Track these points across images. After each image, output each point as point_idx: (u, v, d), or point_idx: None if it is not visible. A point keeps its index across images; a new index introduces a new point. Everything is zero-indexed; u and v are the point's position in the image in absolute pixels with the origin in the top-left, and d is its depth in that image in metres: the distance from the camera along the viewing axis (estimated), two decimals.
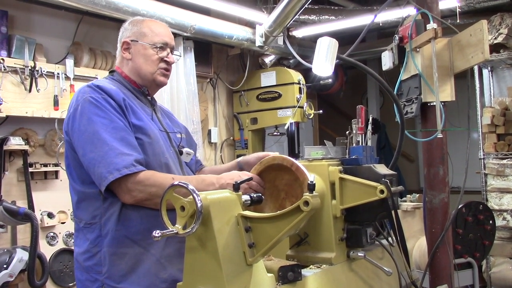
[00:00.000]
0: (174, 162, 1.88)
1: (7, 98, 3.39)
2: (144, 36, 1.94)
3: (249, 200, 1.54)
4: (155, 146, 1.80)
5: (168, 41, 1.98)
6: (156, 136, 1.82)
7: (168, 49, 1.98)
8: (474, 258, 3.51)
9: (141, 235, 1.73)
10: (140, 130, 1.78)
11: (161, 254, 1.75)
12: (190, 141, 2.16)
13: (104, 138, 1.67)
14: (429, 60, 2.40)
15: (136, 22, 1.99)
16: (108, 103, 1.73)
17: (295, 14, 4.35)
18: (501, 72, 5.27)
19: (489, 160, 4.76)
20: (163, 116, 2.05)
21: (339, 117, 7.46)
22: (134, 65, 1.94)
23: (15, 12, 3.67)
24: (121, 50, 1.97)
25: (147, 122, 1.83)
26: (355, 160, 1.86)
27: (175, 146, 1.94)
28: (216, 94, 5.44)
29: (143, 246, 1.74)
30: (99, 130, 1.68)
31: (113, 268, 1.73)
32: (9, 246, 3.41)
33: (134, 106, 1.84)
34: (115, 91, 1.79)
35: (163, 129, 1.93)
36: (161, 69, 1.95)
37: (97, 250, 1.76)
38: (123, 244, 1.74)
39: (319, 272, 1.67)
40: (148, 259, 1.74)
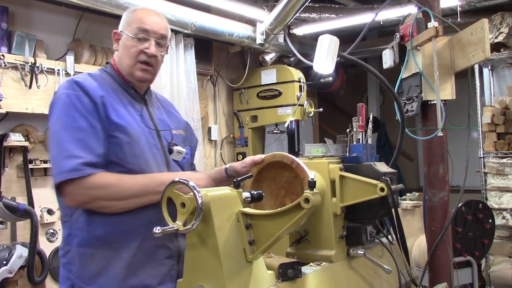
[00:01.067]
0: (159, 161, 1.78)
1: (7, 94, 3.39)
2: (129, 26, 1.80)
3: (249, 197, 1.54)
4: (134, 146, 1.71)
5: (149, 28, 1.78)
6: (138, 135, 1.73)
7: (153, 40, 1.79)
8: (473, 256, 3.51)
9: (114, 238, 1.68)
10: (119, 129, 1.69)
11: (132, 259, 1.69)
12: (190, 138, 2.03)
13: (61, 138, 1.63)
14: (430, 58, 2.40)
15: (130, 11, 1.86)
16: (80, 101, 1.66)
17: (296, 12, 4.35)
18: (502, 71, 5.27)
19: (489, 159, 4.76)
20: (160, 110, 1.94)
21: (339, 115, 7.45)
22: (119, 57, 1.84)
23: (15, 8, 3.67)
24: (113, 41, 1.87)
25: (129, 120, 1.73)
26: (356, 158, 1.86)
27: (164, 144, 1.83)
28: (216, 92, 5.44)
29: (115, 249, 1.68)
30: (61, 129, 1.64)
31: (82, 268, 1.69)
32: (9, 242, 3.41)
33: (116, 103, 1.74)
34: (94, 88, 1.70)
35: (153, 126, 1.83)
36: (139, 62, 1.78)
37: (68, 248, 1.73)
38: (92, 245, 1.69)
39: (319, 269, 1.67)
40: (118, 262, 1.68)
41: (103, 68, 1.90)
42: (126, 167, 1.69)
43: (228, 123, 5.59)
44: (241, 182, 1.52)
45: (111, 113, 1.69)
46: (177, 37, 4.55)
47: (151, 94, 1.95)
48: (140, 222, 1.69)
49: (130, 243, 1.69)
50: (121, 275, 1.68)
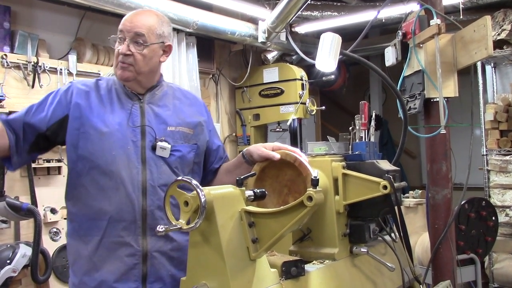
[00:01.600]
0: (131, 158, 1.81)
1: (10, 94, 3.39)
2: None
3: (252, 195, 1.54)
4: (103, 142, 1.79)
5: (122, 28, 1.83)
6: (110, 131, 1.80)
7: (128, 38, 1.82)
8: (476, 254, 3.51)
9: (82, 231, 1.81)
10: (92, 126, 1.80)
11: (94, 253, 1.79)
12: (199, 136, 1.98)
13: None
14: (433, 56, 2.40)
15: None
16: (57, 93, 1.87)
17: (297, 10, 4.34)
18: (504, 69, 5.26)
19: (492, 156, 4.75)
20: (165, 107, 1.94)
21: (342, 113, 7.44)
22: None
23: (18, 7, 3.67)
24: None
25: (106, 118, 1.83)
26: (358, 155, 1.86)
27: (147, 140, 1.83)
28: (218, 90, 5.44)
29: (83, 241, 1.81)
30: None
31: (69, 257, 1.89)
32: (12, 241, 3.42)
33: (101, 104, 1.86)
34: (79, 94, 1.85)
35: (139, 123, 1.85)
36: (120, 63, 1.84)
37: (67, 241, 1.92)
38: (71, 237, 1.86)
39: (322, 267, 1.67)
40: (84, 255, 1.81)
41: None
42: (94, 162, 1.79)
43: (230, 121, 5.59)
44: (244, 180, 1.52)
45: (87, 113, 1.82)
46: (179, 36, 4.55)
47: (155, 92, 1.95)
48: (102, 217, 1.79)
49: (94, 237, 1.80)
50: (85, 267, 1.81)
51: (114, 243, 1.78)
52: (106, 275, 1.77)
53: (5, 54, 3.39)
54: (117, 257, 1.78)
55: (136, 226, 1.78)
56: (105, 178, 1.79)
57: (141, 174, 1.81)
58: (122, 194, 1.78)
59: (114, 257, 1.78)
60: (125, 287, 1.77)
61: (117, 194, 1.78)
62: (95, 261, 1.78)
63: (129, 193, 1.79)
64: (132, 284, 1.78)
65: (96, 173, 1.79)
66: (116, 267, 1.77)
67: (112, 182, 1.78)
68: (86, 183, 1.80)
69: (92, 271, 1.78)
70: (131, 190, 1.79)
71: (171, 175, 1.86)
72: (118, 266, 1.78)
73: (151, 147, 1.84)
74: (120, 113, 1.86)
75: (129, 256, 1.78)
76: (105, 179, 1.79)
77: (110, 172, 1.78)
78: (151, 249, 1.80)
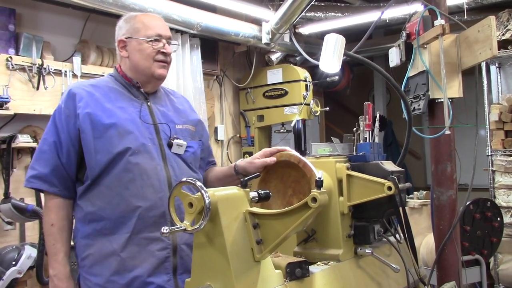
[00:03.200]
0: (153, 155, 1.86)
1: (15, 96, 3.41)
2: (138, 32, 1.92)
3: (256, 196, 1.54)
4: (125, 141, 1.81)
5: (162, 33, 1.94)
6: (125, 131, 1.82)
7: (164, 40, 1.94)
8: (481, 255, 3.50)
9: (107, 230, 1.81)
10: (110, 127, 1.81)
11: (123, 250, 1.80)
12: (201, 132, 2.13)
13: (39, 146, 1.89)
14: (437, 56, 2.39)
15: (129, 18, 1.98)
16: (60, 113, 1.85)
17: (301, 11, 4.34)
18: (509, 69, 5.24)
19: (497, 157, 4.73)
20: (166, 107, 2.03)
21: (346, 114, 7.44)
22: (131, 63, 1.94)
23: (22, 10, 3.69)
24: (119, 49, 1.97)
25: (121, 117, 1.84)
26: (363, 156, 1.85)
27: (162, 138, 1.91)
28: (222, 92, 5.44)
29: (108, 240, 1.81)
30: (43, 137, 1.90)
31: (84, 259, 1.86)
32: (18, 243, 3.43)
33: (110, 104, 1.86)
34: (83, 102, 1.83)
35: (151, 121, 1.91)
36: (157, 61, 1.93)
37: (75, 241, 1.91)
38: (90, 237, 1.84)
39: (327, 268, 1.66)
40: (111, 253, 1.80)
41: (110, 73, 2.05)
42: (117, 162, 1.81)
43: (234, 122, 5.60)
44: (248, 181, 1.52)
45: (100, 117, 1.82)
46: (183, 37, 4.56)
47: (156, 92, 2.04)
48: (132, 214, 1.79)
49: (122, 235, 1.80)
50: (113, 266, 1.80)
51: (145, 239, 1.80)
52: (139, 271, 1.79)
53: (10, 57, 3.41)
54: (149, 252, 1.80)
55: (165, 221, 1.81)
56: (130, 176, 1.80)
57: (164, 170, 1.87)
58: (150, 191, 1.81)
59: (145, 252, 1.80)
60: (158, 280, 1.81)
61: (146, 191, 1.81)
62: (124, 258, 1.79)
63: (158, 189, 1.82)
64: (165, 276, 1.82)
65: (120, 172, 1.80)
66: (149, 262, 1.80)
67: (138, 179, 1.81)
68: (109, 182, 1.81)
69: (122, 269, 1.79)
70: (158, 186, 1.83)
71: (188, 171, 1.95)
72: (151, 261, 1.80)
73: (167, 145, 1.91)
74: (131, 111, 1.89)
75: (161, 250, 1.82)
76: (130, 177, 1.80)
77: (135, 170, 1.81)
78: (179, 242, 1.86)
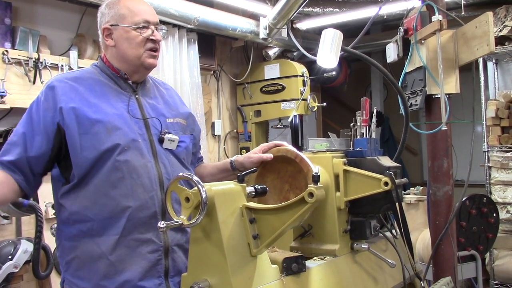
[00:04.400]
0: (143, 151, 1.76)
1: (11, 90, 3.39)
2: (124, 18, 1.80)
3: (253, 191, 1.54)
4: (112, 137, 1.71)
5: (150, 18, 1.82)
6: (114, 127, 1.72)
7: (152, 26, 1.83)
8: (477, 250, 3.51)
9: (94, 231, 1.70)
10: (97, 123, 1.70)
11: (112, 253, 1.70)
12: (193, 126, 2.02)
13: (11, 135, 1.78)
14: (434, 52, 2.39)
15: (112, 4, 1.84)
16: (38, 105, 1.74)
17: (299, 6, 4.33)
18: (506, 65, 5.24)
19: (493, 153, 4.74)
20: (156, 99, 1.92)
21: (343, 110, 7.44)
22: (119, 52, 1.82)
23: (19, 3, 3.67)
24: (103, 38, 1.84)
25: (108, 112, 1.74)
26: (359, 152, 1.86)
27: (153, 133, 1.81)
28: (219, 87, 5.43)
29: (95, 243, 1.70)
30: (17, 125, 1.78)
31: (69, 262, 1.73)
32: (14, 237, 3.42)
33: (96, 99, 1.75)
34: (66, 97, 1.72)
35: (141, 116, 1.81)
36: (148, 50, 1.81)
37: (58, 242, 1.79)
38: (75, 239, 1.72)
39: (323, 263, 1.67)
40: (99, 256, 1.70)
41: (94, 63, 1.92)
42: (104, 160, 1.71)
43: (231, 118, 5.59)
44: (245, 176, 1.52)
45: (86, 112, 1.71)
46: (180, 32, 4.55)
47: (145, 83, 1.93)
48: (121, 215, 1.70)
49: (110, 236, 1.70)
50: (101, 271, 1.69)
51: (135, 241, 1.71)
52: (129, 275, 1.69)
53: (6, 50, 3.39)
54: (139, 254, 1.71)
55: (156, 221, 1.66)
56: (118, 174, 1.70)
57: (155, 168, 1.77)
58: (140, 190, 1.72)
59: (135, 255, 1.71)
60: (150, 284, 1.72)
61: (135, 190, 1.71)
62: (113, 261, 1.69)
63: (148, 188, 1.73)
64: (156, 280, 1.74)
65: (108, 170, 1.70)
66: (140, 265, 1.71)
67: (128, 178, 1.71)
68: (96, 181, 1.70)
69: (112, 273, 1.69)
70: (149, 185, 1.73)
71: (180, 167, 1.85)
72: (142, 264, 1.71)
73: (158, 140, 1.82)
74: (119, 106, 1.79)
75: (152, 252, 1.73)
76: (119, 176, 1.70)
77: (124, 168, 1.71)
78: (171, 243, 1.77)
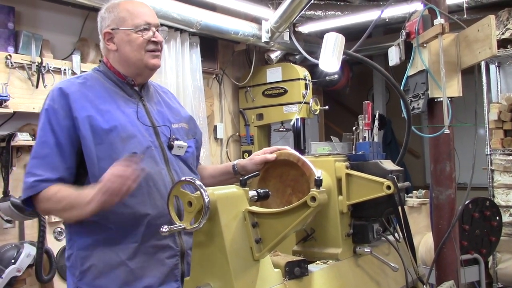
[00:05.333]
0: (156, 159, 1.77)
1: (14, 94, 3.41)
2: (124, 21, 1.80)
3: (256, 195, 1.54)
4: (126, 146, 1.70)
5: (151, 20, 1.83)
6: (128, 135, 1.72)
7: (153, 28, 1.83)
8: (480, 254, 3.50)
9: (111, 240, 1.70)
10: (110, 132, 1.70)
11: (131, 261, 1.70)
12: (194, 130, 2.01)
13: (32, 152, 1.72)
14: (436, 55, 2.39)
15: (112, 7, 1.85)
16: (55, 116, 1.70)
17: (301, 10, 4.34)
18: (508, 68, 5.24)
19: (496, 156, 4.74)
20: (160, 104, 1.92)
21: (345, 113, 7.44)
22: (121, 55, 1.82)
23: (22, 8, 3.69)
24: (105, 42, 1.85)
25: (121, 121, 1.73)
26: (362, 156, 1.85)
27: (162, 140, 1.82)
28: (222, 90, 5.44)
29: (113, 251, 1.70)
30: (36, 142, 1.73)
31: (84, 271, 1.71)
32: (17, 241, 3.43)
33: (107, 106, 1.74)
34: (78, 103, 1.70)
35: (150, 123, 1.81)
36: (149, 51, 1.81)
37: (70, 252, 1.76)
38: (91, 248, 1.71)
39: (326, 267, 1.67)
40: (117, 264, 1.70)
41: (96, 67, 1.91)
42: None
43: (234, 121, 5.60)
44: (247, 180, 1.52)
45: (100, 122, 1.70)
46: (183, 35, 4.56)
47: (149, 88, 1.93)
48: (140, 222, 1.70)
49: (130, 244, 1.70)
50: (121, 278, 1.69)
51: (153, 247, 1.72)
52: (149, 281, 1.71)
53: (9, 55, 3.40)
54: (158, 260, 1.73)
55: None
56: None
57: (168, 175, 1.78)
58: (157, 197, 1.72)
59: (154, 261, 1.72)
60: None
61: (153, 197, 1.72)
62: (133, 268, 1.70)
63: (164, 195, 1.71)
64: (174, 284, 1.76)
65: None
66: (159, 270, 1.73)
67: (145, 186, 1.70)
68: None
69: (132, 280, 1.70)
70: (165, 192, 1.72)
71: (190, 173, 1.86)
72: (161, 270, 1.73)
73: (167, 147, 1.83)
74: (128, 113, 1.78)
75: (170, 257, 1.75)
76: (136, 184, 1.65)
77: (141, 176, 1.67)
78: (186, 247, 1.79)
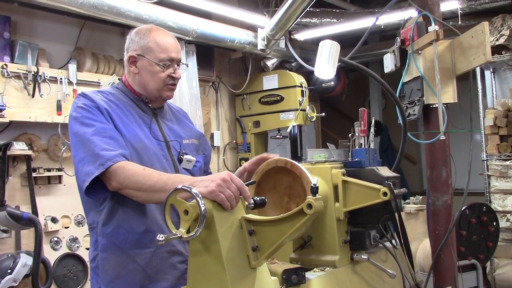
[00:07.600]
0: (168, 171, 1.83)
1: (11, 103, 3.40)
2: (151, 52, 1.90)
3: (252, 203, 1.54)
4: (141, 157, 1.78)
5: (175, 57, 1.94)
6: (145, 146, 1.81)
7: (175, 63, 1.95)
8: (478, 260, 3.50)
9: (128, 244, 1.77)
10: (126, 140, 1.78)
11: (147, 264, 1.77)
12: (204, 146, 2.11)
13: (92, 140, 1.71)
14: (431, 62, 2.40)
15: (142, 33, 1.94)
16: (98, 108, 1.79)
17: (296, 17, 4.36)
18: (503, 74, 5.27)
19: (492, 161, 4.75)
20: (172, 121, 2.04)
21: (342, 120, 7.45)
22: (140, 80, 1.93)
23: (18, 17, 3.69)
24: (128, 64, 1.95)
25: (136, 132, 1.83)
26: (358, 162, 1.86)
27: (173, 154, 1.91)
28: (218, 98, 5.45)
29: (130, 255, 1.77)
30: (88, 131, 1.74)
31: (104, 273, 1.79)
32: (13, 251, 3.42)
33: (125, 116, 1.85)
34: (100, 102, 1.82)
35: (162, 138, 1.91)
36: (167, 85, 1.93)
37: (95, 253, 1.83)
38: (110, 251, 1.79)
39: (323, 275, 1.67)
40: (134, 268, 1.77)
41: (115, 85, 2.04)
42: None
43: (230, 129, 5.60)
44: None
45: (118, 125, 1.80)
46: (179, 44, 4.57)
47: (163, 106, 2.04)
48: (156, 230, 1.77)
49: (145, 249, 1.78)
50: (137, 281, 1.77)
51: (167, 253, 1.81)
52: (163, 284, 1.79)
53: (5, 64, 3.40)
54: (171, 265, 1.81)
55: None
56: None
57: None
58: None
59: (168, 265, 1.81)
60: None
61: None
62: (149, 273, 1.78)
63: None
64: None
65: None
66: (172, 275, 1.81)
67: None
68: (131, 202, 1.74)
69: (147, 283, 1.78)
70: None
71: None
72: (174, 274, 1.81)
73: (177, 160, 1.92)
74: (143, 127, 1.89)
75: (181, 262, 1.83)
76: None
77: None
78: None
